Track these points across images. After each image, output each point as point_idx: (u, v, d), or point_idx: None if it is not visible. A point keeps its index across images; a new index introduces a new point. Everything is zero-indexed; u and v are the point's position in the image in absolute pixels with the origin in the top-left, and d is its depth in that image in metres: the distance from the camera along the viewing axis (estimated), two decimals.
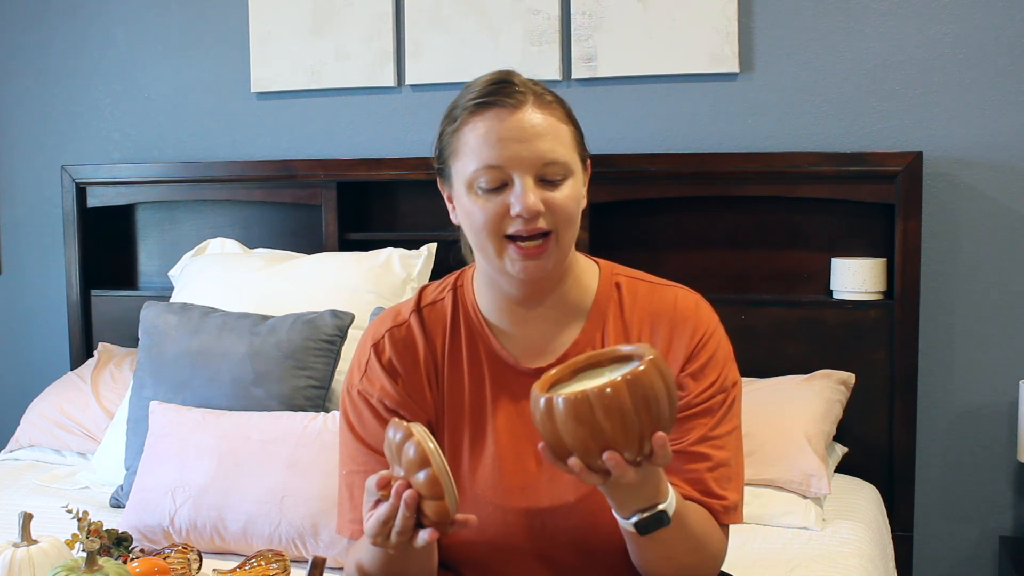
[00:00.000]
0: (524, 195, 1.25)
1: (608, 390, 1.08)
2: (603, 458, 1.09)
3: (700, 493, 1.31)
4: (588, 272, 1.41)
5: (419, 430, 1.14)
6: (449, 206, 1.37)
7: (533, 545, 1.34)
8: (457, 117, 1.30)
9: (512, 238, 1.28)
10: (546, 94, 1.30)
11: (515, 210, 1.25)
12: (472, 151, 1.27)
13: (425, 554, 1.25)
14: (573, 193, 1.29)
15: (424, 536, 1.13)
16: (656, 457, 1.12)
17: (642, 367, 1.10)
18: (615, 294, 1.39)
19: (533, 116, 1.26)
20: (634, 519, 1.19)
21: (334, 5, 2.97)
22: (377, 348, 1.39)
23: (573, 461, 1.11)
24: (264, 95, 3.08)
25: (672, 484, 1.29)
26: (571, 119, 1.32)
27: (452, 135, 1.31)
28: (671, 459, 1.14)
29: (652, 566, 1.29)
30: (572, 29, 2.79)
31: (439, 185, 1.38)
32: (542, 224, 1.26)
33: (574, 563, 1.34)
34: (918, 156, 2.48)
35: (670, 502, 1.20)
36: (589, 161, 1.37)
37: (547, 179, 1.27)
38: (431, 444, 1.13)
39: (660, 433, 1.11)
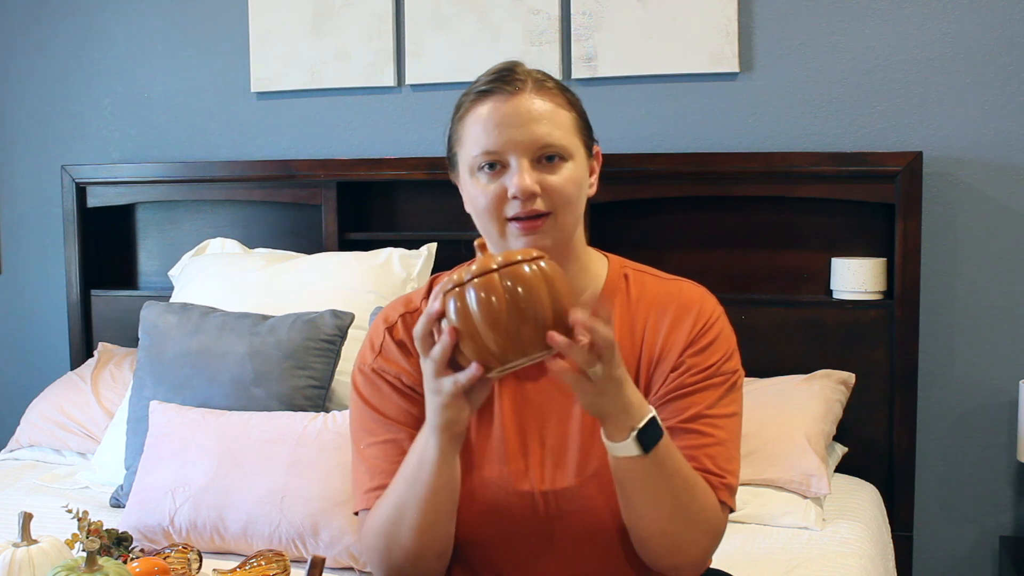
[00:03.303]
0: (519, 176, 1.28)
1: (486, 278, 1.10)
2: (547, 337, 1.09)
3: (695, 468, 1.29)
4: (598, 263, 1.45)
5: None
6: (464, 195, 1.38)
7: (536, 528, 1.35)
8: (462, 106, 1.34)
9: (512, 219, 1.31)
10: (547, 81, 1.33)
11: (511, 191, 1.28)
12: (473, 137, 1.31)
13: (448, 467, 1.23)
14: (572, 176, 1.31)
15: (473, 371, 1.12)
16: (577, 332, 1.10)
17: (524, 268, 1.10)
18: (623, 285, 1.42)
19: (531, 101, 1.29)
20: (634, 434, 1.17)
21: (334, 5, 2.97)
22: (392, 331, 1.41)
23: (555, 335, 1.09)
24: (264, 95, 3.08)
25: None
26: (573, 106, 1.34)
27: (457, 123, 1.35)
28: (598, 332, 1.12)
29: (643, 514, 1.26)
30: (572, 29, 2.79)
31: (449, 175, 1.40)
32: (539, 206, 1.29)
33: (575, 547, 1.35)
34: (918, 156, 2.48)
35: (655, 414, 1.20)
36: (598, 149, 1.39)
37: (545, 162, 1.30)
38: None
39: (575, 310, 1.11)
